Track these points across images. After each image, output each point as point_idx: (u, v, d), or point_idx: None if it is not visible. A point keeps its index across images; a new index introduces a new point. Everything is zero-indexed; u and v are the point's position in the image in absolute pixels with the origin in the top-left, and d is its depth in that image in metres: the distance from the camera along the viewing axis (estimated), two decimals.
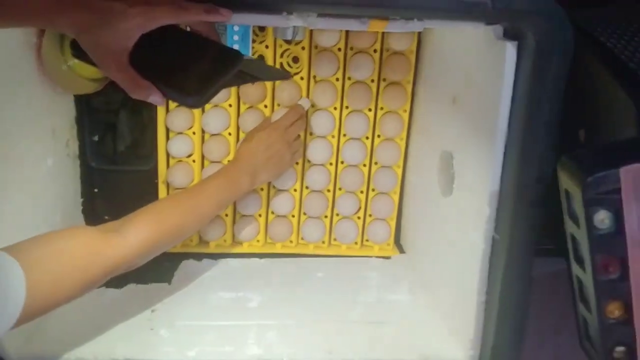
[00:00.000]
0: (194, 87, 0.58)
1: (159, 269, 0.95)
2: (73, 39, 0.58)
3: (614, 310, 0.57)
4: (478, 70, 0.77)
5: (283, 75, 0.88)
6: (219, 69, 0.59)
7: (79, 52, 0.58)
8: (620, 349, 0.58)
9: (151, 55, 0.57)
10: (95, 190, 1.05)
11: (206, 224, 0.95)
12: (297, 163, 1.02)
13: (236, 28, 0.92)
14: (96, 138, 1.03)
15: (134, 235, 0.73)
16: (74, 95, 0.99)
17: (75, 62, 0.87)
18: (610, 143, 0.65)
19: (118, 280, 0.91)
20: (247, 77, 0.64)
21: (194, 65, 0.59)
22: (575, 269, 0.60)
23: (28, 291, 0.60)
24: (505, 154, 0.71)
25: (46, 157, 0.90)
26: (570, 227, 0.58)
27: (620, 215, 0.52)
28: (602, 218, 0.53)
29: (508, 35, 0.69)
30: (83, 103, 1.00)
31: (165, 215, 0.79)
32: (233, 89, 0.97)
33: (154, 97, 0.59)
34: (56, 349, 0.79)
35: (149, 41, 0.57)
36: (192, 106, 0.61)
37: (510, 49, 0.67)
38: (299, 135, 0.98)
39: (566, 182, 0.56)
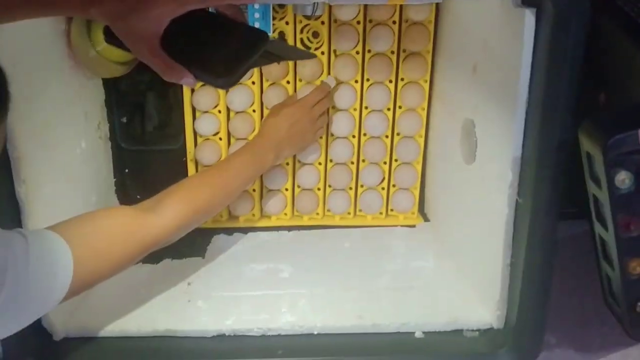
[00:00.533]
0: (224, 68, 0.60)
1: (192, 244, 0.99)
2: (106, 26, 0.61)
3: (636, 266, 0.58)
4: (497, 38, 0.78)
5: (307, 55, 0.90)
6: (247, 49, 0.61)
7: (111, 39, 0.61)
8: None
9: (181, 39, 0.59)
10: (127, 170, 1.09)
11: (235, 199, 0.98)
12: (320, 137, 1.04)
13: (257, 6, 0.94)
14: (125, 120, 1.06)
15: (169, 214, 0.76)
16: (103, 79, 1.02)
17: (103, 46, 0.90)
18: (629, 105, 0.66)
19: (154, 256, 0.95)
20: (274, 57, 0.66)
21: (222, 47, 0.61)
22: (598, 228, 0.61)
23: (74, 267, 0.64)
24: (526, 119, 0.72)
25: (80, 141, 0.94)
26: (592, 188, 0.59)
27: None
28: (623, 178, 0.54)
29: (526, 2, 0.69)
30: (111, 86, 1.03)
31: (196, 193, 0.82)
32: (256, 68, 0.99)
33: (186, 79, 0.61)
34: (100, 322, 0.84)
35: (179, 25, 0.59)
36: (222, 87, 0.63)
37: (528, 16, 0.68)
38: (324, 112, 1.01)
39: (587, 144, 0.57)
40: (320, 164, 1.06)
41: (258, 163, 0.92)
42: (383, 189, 1.09)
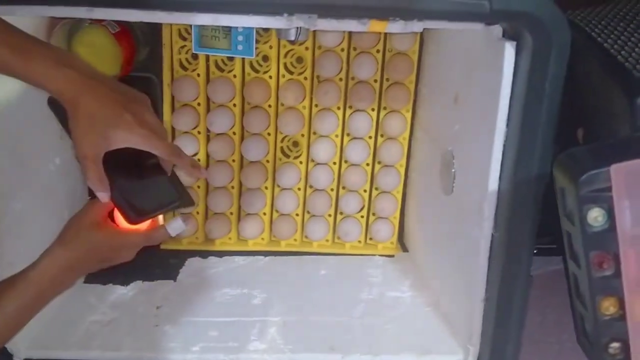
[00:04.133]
0: (137, 207, 0.65)
1: (164, 266, 0.97)
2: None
3: (609, 306, 0.57)
4: (478, 69, 0.78)
5: (190, 203, 0.76)
6: (162, 201, 0.67)
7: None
8: (615, 344, 0.59)
9: (119, 162, 0.62)
10: None
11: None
12: (300, 162, 1.03)
13: (240, 29, 0.93)
14: None
15: None
16: None
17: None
18: (604, 141, 0.66)
19: (124, 278, 0.93)
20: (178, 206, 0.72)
21: (144, 188, 0.66)
22: (571, 265, 0.60)
23: None
24: (504, 152, 0.72)
25: (54, 157, 0.92)
26: (565, 224, 0.59)
27: (613, 213, 0.52)
28: (596, 215, 0.53)
29: (507, 35, 0.69)
30: None
31: None
32: (238, 89, 0.99)
33: (103, 195, 0.62)
34: (63, 344, 0.81)
35: (125, 151, 0.61)
36: (129, 221, 0.65)
37: (509, 49, 0.68)
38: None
39: (561, 180, 0.56)
40: (299, 189, 1.05)
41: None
42: (362, 217, 1.08)
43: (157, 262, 0.86)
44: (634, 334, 0.57)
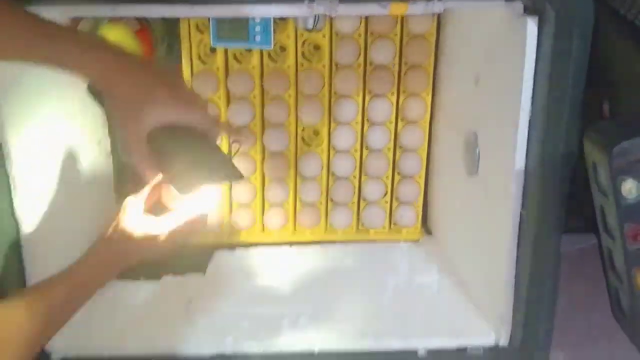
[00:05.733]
0: (186, 180, 0.64)
1: (193, 260, 0.98)
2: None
3: None
4: (499, 48, 0.77)
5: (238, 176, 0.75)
6: (210, 172, 0.66)
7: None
8: None
9: (165, 138, 0.62)
10: (128, 184, 1.08)
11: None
12: (322, 151, 1.03)
13: (258, 20, 0.93)
14: None
15: None
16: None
17: None
18: (634, 113, 0.65)
19: (154, 273, 0.94)
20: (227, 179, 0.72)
21: (192, 162, 0.64)
22: (605, 239, 0.60)
23: None
24: (529, 130, 0.71)
25: (80, 156, 0.93)
26: (598, 198, 0.58)
27: None
28: (629, 187, 0.53)
29: (528, 11, 0.69)
30: None
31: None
32: (257, 81, 0.99)
33: (150, 173, 0.64)
34: (99, 342, 0.83)
35: (169, 126, 0.62)
36: (180, 191, 0.65)
37: (531, 25, 0.68)
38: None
39: (592, 153, 0.56)
40: (321, 178, 1.05)
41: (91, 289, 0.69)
42: (386, 202, 1.08)
43: (185, 257, 0.87)
44: None
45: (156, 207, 0.73)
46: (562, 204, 0.72)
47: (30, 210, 0.77)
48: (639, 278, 0.57)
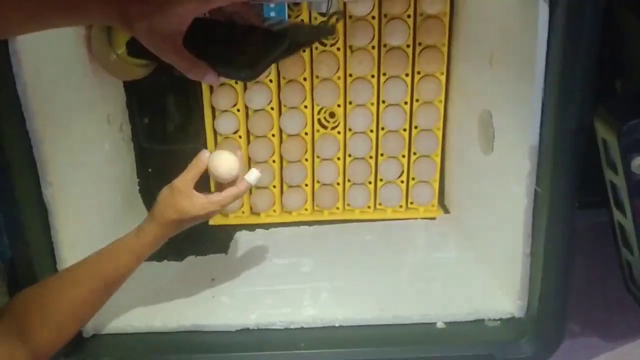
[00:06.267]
0: (247, 61, 0.61)
1: (215, 241, 1.01)
2: (129, 40, 0.62)
3: None
4: (512, 28, 0.78)
5: (327, 31, 0.86)
6: (268, 47, 0.61)
7: (133, 50, 0.62)
8: None
9: (203, 39, 0.60)
10: (150, 170, 1.11)
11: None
12: (338, 132, 1.05)
13: (272, 5, 0.95)
14: (147, 120, 1.08)
15: (44, 348, 0.71)
16: (124, 82, 1.04)
17: (124, 50, 0.91)
18: None
19: (178, 253, 0.97)
20: (295, 49, 0.66)
21: (242, 45, 0.62)
22: (616, 215, 0.62)
23: None
24: (543, 108, 0.72)
25: (103, 143, 0.96)
26: (609, 174, 0.59)
27: None
28: (639, 163, 0.54)
29: None
30: (132, 88, 1.05)
31: (74, 313, 0.74)
32: (273, 65, 1.01)
33: (209, 77, 0.61)
34: (127, 319, 0.86)
35: (200, 26, 0.60)
36: (246, 79, 0.64)
37: (542, 5, 0.68)
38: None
39: (603, 131, 0.57)
40: (339, 159, 1.07)
41: (143, 252, 0.79)
42: (402, 182, 1.10)
43: (207, 238, 0.90)
44: None
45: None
46: (576, 180, 0.73)
47: (57, 195, 0.80)
48: None
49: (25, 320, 0.71)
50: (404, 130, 1.06)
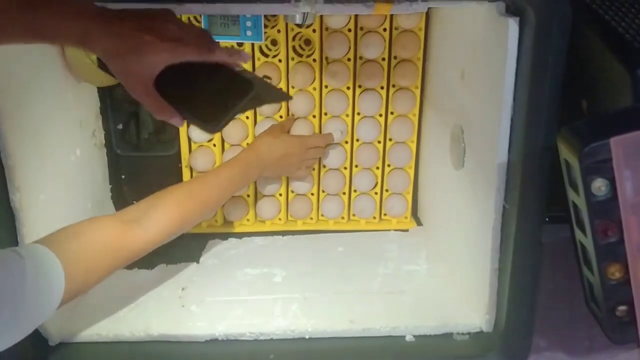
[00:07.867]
0: (212, 115, 0.63)
1: (186, 249, 1.01)
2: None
3: (615, 272, 0.59)
4: (483, 45, 0.79)
5: (285, 96, 0.94)
6: (234, 98, 0.64)
7: (104, 66, 0.63)
8: (622, 307, 0.62)
9: (174, 82, 0.62)
10: (122, 176, 1.10)
11: (216, 210, 1.02)
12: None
13: (249, 15, 0.95)
14: (120, 127, 1.08)
15: (155, 229, 0.77)
16: (97, 88, 1.04)
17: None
18: (605, 114, 0.67)
19: (148, 261, 0.96)
20: (256, 102, 0.69)
21: (211, 94, 0.64)
22: (578, 234, 0.63)
23: (65, 281, 0.66)
24: (512, 125, 0.73)
25: (75, 148, 0.95)
26: (571, 195, 0.60)
27: (615, 183, 0.54)
28: (599, 185, 0.55)
29: (510, 11, 0.71)
30: (106, 94, 1.05)
31: (184, 207, 0.82)
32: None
33: (175, 120, 0.64)
34: (94, 327, 0.85)
35: (172, 69, 0.61)
36: (210, 132, 0.67)
37: (512, 25, 0.69)
38: (314, 159, 1.04)
39: (565, 152, 0.58)
40: (313, 169, 1.08)
41: (244, 179, 0.93)
42: (376, 193, 1.10)
43: (179, 246, 0.89)
44: (638, 297, 0.59)
45: None
46: (543, 197, 0.74)
47: (25, 200, 0.79)
48: (610, 271, 0.60)
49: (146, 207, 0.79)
50: (379, 142, 1.07)
